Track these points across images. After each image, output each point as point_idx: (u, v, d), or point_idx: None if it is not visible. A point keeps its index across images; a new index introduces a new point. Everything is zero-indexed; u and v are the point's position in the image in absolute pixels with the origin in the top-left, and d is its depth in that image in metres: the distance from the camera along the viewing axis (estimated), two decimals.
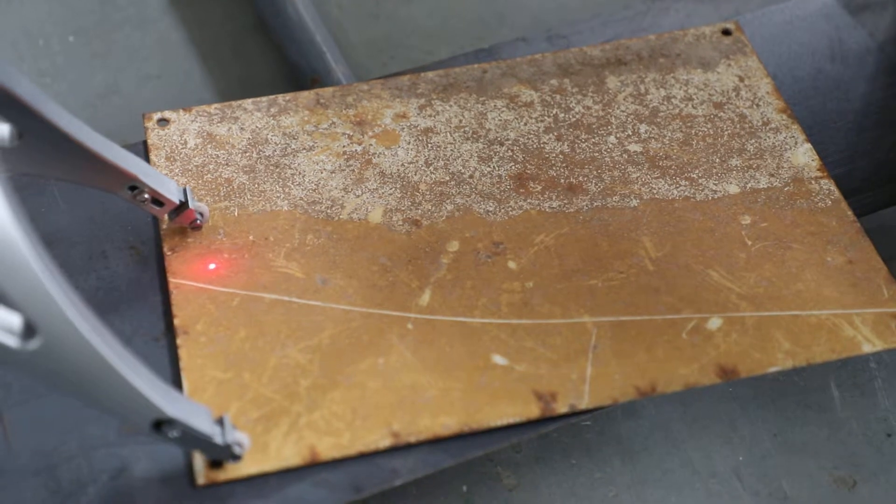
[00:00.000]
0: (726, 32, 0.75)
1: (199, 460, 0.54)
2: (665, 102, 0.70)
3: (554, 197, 0.65)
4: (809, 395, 0.66)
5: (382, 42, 0.87)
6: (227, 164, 0.66)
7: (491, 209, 0.65)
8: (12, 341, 0.43)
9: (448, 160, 0.67)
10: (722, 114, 0.70)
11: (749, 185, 0.66)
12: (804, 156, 0.68)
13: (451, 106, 0.70)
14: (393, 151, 0.67)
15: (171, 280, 0.60)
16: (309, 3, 0.85)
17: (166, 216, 0.60)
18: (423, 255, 0.62)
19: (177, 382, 0.57)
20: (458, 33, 0.88)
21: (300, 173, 0.66)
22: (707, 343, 0.59)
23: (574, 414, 0.56)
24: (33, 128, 0.51)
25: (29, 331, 0.43)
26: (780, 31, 0.76)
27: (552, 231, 0.64)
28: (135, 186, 0.57)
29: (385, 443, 0.55)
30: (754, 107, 0.70)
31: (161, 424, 0.48)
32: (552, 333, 0.59)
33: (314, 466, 0.54)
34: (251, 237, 0.63)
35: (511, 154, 0.68)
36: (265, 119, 0.69)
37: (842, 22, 0.77)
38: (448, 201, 0.65)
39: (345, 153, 0.67)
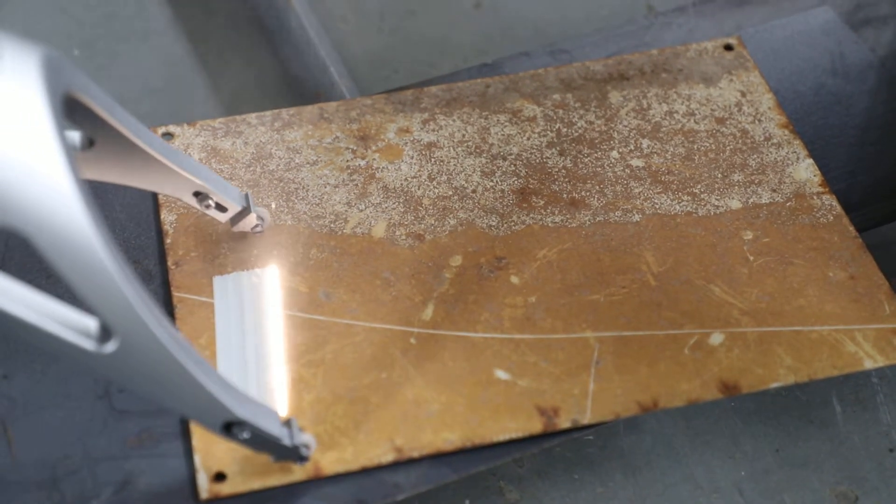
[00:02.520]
0: (728, 48, 0.75)
1: (202, 474, 0.54)
2: (667, 117, 0.71)
3: (556, 212, 0.66)
4: (811, 410, 0.66)
5: (386, 56, 0.88)
6: (231, 179, 0.66)
7: (494, 224, 0.65)
8: (89, 344, 0.44)
9: (451, 175, 0.67)
10: (724, 129, 0.70)
11: (751, 200, 0.66)
12: (806, 171, 0.68)
13: (454, 120, 0.70)
14: (396, 166, 0.68)
15: (175, 294, 0.60)
16: (313, 17, 0.85)
17: (229, 221, 0.61)
18: (426, 270, 0.63)
19: None
20: (461, 48, 0.89)
21: (304, 188, 0.66)
22: (709, 358, 0.59)
23: (576, 429, 0.57)
24: (104, 135, 0.52)
25: (105, 334, 0.44)
26: (781, 47, 0.76)
27: (554, 246, 0.64)
28: (200, 192, 0.58)
29: (388, 457, 0.55)
30: (756, 122, 0.71)
31: (231, 426, 0.49)
32: (554, 348, 0.59)
33: (317, 481, 0.55)
34: (255, 251, 0.63)
35: (514, 169, 0.68)
36: (269, 133, 0.69)
37: (843, 37, 0.77)
38: (451, 216, 0.65)
39: (348, 167, 0.67)
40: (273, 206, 0.65)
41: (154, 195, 0.65)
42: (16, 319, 0.42)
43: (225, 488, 0.54)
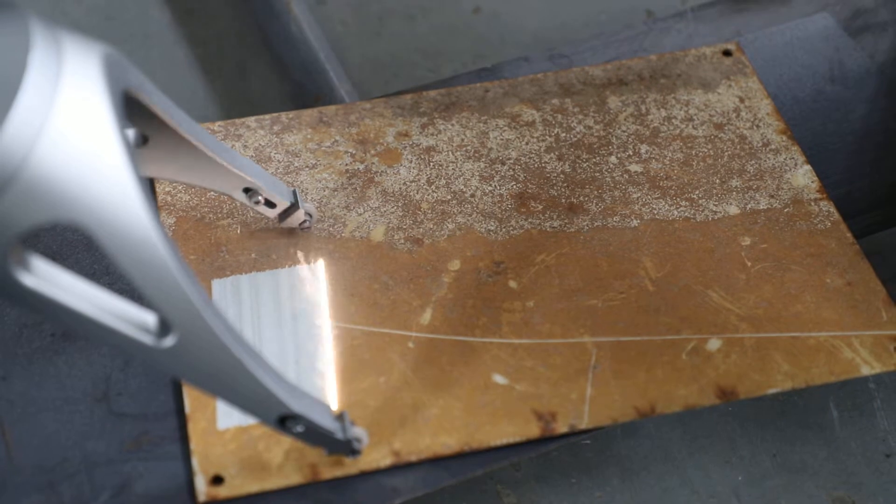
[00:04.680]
0: (727, 53, 0.75)
1: (200, 478, 0.54)
2: (666, 123, 0.71)
3: (555, 216, 0.66)
4: (809, 416, 0.66)
5: (386, 61, 0.88)
6: None
7: (492, 228, 0.65)
8: (148, 339, 0.44)
9: (450, 179, 0.68)
10: (722, 135, 0.70)
11: (749, 206, 0.66)
12: (804, 177, 0.68)
13: (453, 125, 0.71)
14: (395, 170, 0.68)
15: None
16: (313, 21, 0.86)
17: (277, 217, 0.62)
18: (424, 274, 0.63)
19: (178, 399, 0.57)
20: (460, 52, 0.89)
21: (303, 191, 0.66)
22: (706, 364, 0.59)
23: (574, 434, 0.57)
24: (158, 133, 0.53)
25: (164, 328, 0.45)
26: (780, 53, 0.76)
27: (553, 251, 0.64)
28: (249, 189, 0.59)
29: (386, 461, 0.55)
30: (754, 128, 0.71)
31: (286, 420, 0.49)
32: (552, 353, 0.59)
33: (315, 485, 0.55)
34: (253, 255, 0.63)
35: (512, 173, 0.68)
36: (268, 137, 0.69)
37: (842, 44, 0.77)
38: (449, 220, 0.65)
39: (347, 171, 0.68)
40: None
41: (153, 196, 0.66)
42: (78, 315, 0.43)
43: (223, 491, 0.54)
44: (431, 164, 0.68)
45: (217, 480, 0.54)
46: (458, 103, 0.72)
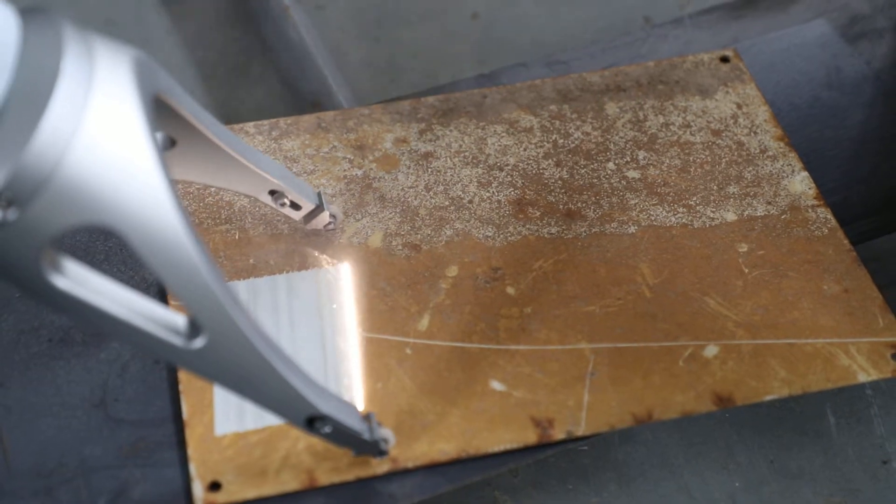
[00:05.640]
0: (724, 60, 0.75)
1: (197, 484, 0.54)
2: (663, 129, 0.71)
3: (552, 223, 0.66)
4: (806, 422, 0.66)
5: (384, 66, 0.88)
6: (227, 188, 0.66)
7: (490, 234, 0.65)
8: (179, 340, 0.45)
9: (448, 185, 0.68)
10: (720, 141, 0.70)
11: (746, 212, 0.67)
12: (801, 184, 0.68)
13: (451, 131, 0.71)
14: (393, 176, 0.68)
15: (171, 303, 0.61)
16: (311, 26, 0.86)
17: (302, 219, 0.62)
18: (422, 280, 0.63)
19: (176, 405, 0.57)
20: (459, 58, 0.89)
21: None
22: (703, 370, 0.59)
23: (571, 440, 0.57)
24: (186, 136, 0.53)
25: (194, 330, 0.45)
26: (778, 59, 0.77)
27: (550, 257, 0.64)
28: (275, 191, 0.59)
29: (383, 468, 0.55)
30: (752, 134, 0.71)
31: (314, 421, 0.50)
32: (550, 359, 0.59)
33: (312, 491, 0.55)
34: (251, 261, 0.63)
35: (510, 179, 0.68)
36: (267, 142, 0.69)
37: (839, 50, 0.77)
38: (447, 226, 0.66)
39: (345, 177, 0.68)
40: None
41: None
42: (109, 317, 0.44)
43: (220, 497, 0.54)
44: (429, 170, 0.68)
45: (214, 486, 0.54)
46: (456, 109, 0.72)
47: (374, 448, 0.53)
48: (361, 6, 0.93)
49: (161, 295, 0.61)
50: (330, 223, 0.63)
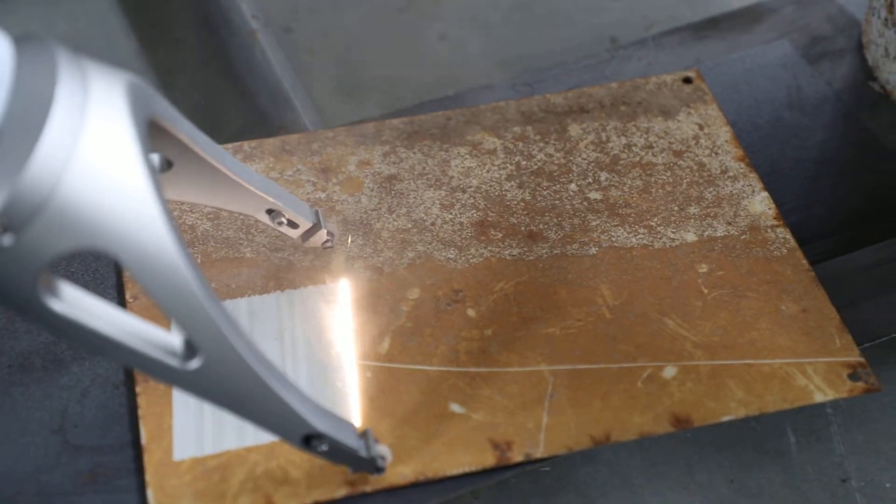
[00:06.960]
0: (687, 81, 0.76)
1: None
2: (626, 150, 0.72)
3: (514, 244, 0.66)
4: (766, 441, 0.67)
5: (351, 89, 0.88)
6: (190, 211, 0.67)
7: (451, 256, 0.66)
8: (175, 362, 0.45)
9: (410, 207, 0.68)
10: (681, 162, 0.71)
11: (706, 233, 0.67)
12: (761, 204, 0.69)
13: (414, 153, 0.71)
14: (356, 199, 0.68)
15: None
16: (279, 50, 0.86)
17: (300, 238, 0.63)
18: (383, 303, 0.63)
19: (135, 431, 0.57)
20: (426, 80, 0.89)
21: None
22: (662, 392, 0.60)
23: (529, 462, 0.57)
24: (182, 157, 0.54)
25: (190, 351, 0.45)
26: (740, 80, 0.77)
27: (512, 279, 0.65)
28: (272, 210, 0.60)
29: (341, 492, 0.55)
30: (713, 155, 0.71)
31: (311, 439, 0.50)
32: (509, 382, 0.60)
33: None
34: (214, 285, 0.63)
35: (473, 201, 0.68)
36: None
37: (800, 71, 0.78)
38: (409, 248, 0.66)
39: (308, 200, 0.68)
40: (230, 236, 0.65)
41: None
42: (106, 339, 0.44)
43: None
44: (392, 192, 0.69)
45: None
46: (420, 131, 0.72)
47: (370, 465, 0.53)
48: (328, 29, 0.94)
49: None
50: (328, 241, 0.64)
